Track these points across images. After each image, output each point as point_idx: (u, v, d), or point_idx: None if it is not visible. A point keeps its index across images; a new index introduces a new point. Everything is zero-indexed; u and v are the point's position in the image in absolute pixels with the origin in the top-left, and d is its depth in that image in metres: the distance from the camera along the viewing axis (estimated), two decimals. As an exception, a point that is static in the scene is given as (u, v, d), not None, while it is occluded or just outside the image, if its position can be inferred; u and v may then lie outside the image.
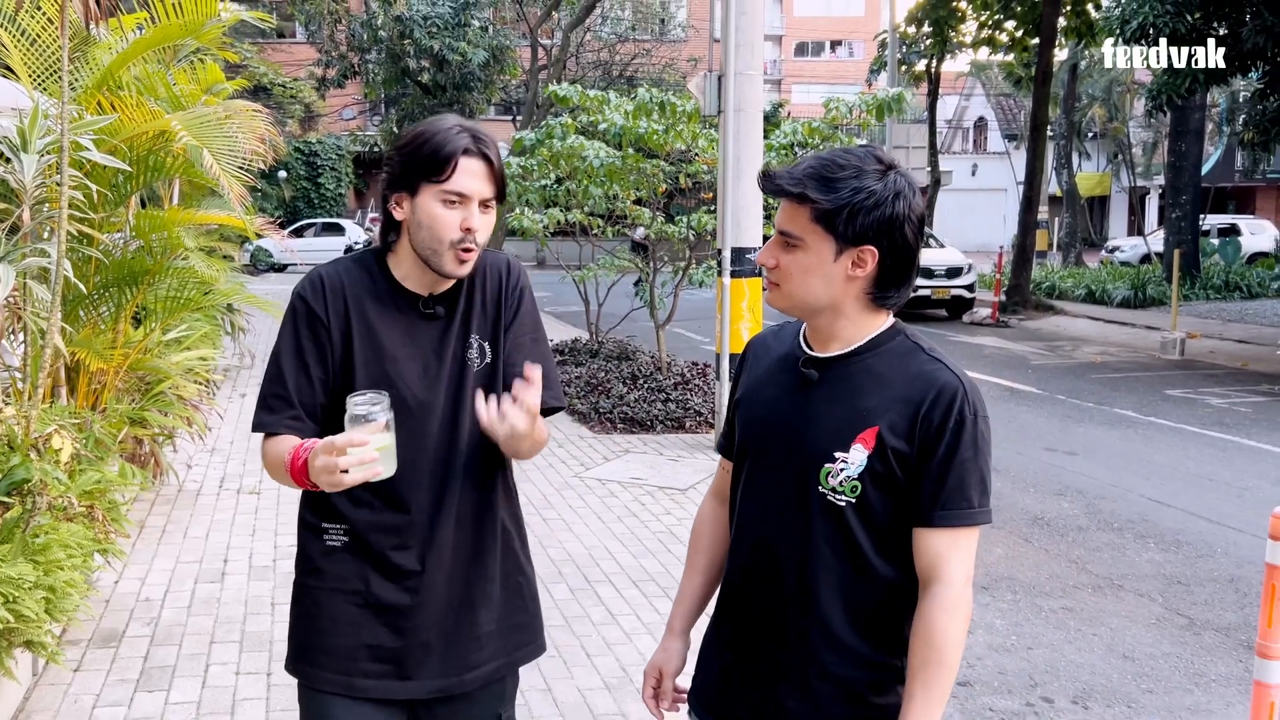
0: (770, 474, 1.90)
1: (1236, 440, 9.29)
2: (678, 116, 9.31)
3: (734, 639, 1.96)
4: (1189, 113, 21.14)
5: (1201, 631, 5.15)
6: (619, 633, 4.69)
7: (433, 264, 2.02)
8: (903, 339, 1.89)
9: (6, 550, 3.28)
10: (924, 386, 1.82)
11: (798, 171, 1.81)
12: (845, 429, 1.82)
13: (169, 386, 5.76)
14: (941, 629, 1.77)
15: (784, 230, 1.83)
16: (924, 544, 1.81)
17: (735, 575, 1.98)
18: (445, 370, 2.07)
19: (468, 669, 2.09)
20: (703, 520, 2.14)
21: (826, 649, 1.85)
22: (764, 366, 1.99)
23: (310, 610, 2.08)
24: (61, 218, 3.53)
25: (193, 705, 3.88)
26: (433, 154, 1.97)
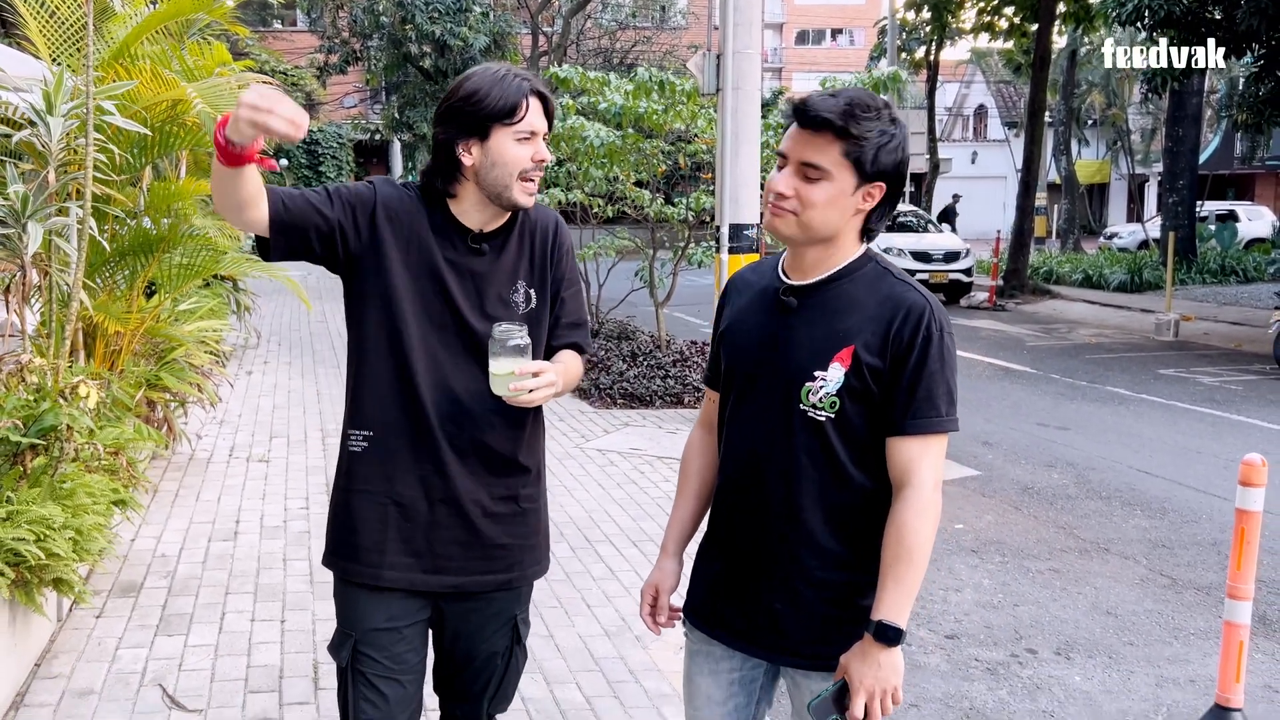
0: (756, 397, 2.03)
1: (1226, 416, 9.46)
2: (677, 96, 9.45)
3: (724, 550, 2.10)
4: (1186, 98, 21.24)
5: (1183, 590, 5.32)
6: (618, 586, 4.86)
7: (503, 199, 2.20)
8: (874, 265, 2.02)
9: (36, 493, 3.46)
10: (894, 306, 1.96)
11: (836, 106, 1.89)
12: (823, 349, 1.96)
13: (182, 354, 5.92)
14: (912, 529, 1.91)
15: (809, 161, 1.92)
16: (896, 451, 1.96)
17: (724, 491, 2.12)
18: (487, 302, 2.24)
19: (484, 572, 2.27)
20: (691, 448, 2.27)
21: (809, 555, 1.99)
22: (745, 299, 2.12)
23: (341, 510, 2.27)
24: (87, 178, 3.69)
25: (210, 648, 4.05)
26: (503, 98, 2.15)
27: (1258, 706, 4.15)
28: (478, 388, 2.19)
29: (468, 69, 2.33)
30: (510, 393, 2.08)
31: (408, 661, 2.26)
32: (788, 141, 1.95)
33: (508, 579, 2.32)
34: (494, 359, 2.10)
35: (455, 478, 2.22)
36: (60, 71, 3.86)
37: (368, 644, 2.23)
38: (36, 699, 3.59)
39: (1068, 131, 30.57)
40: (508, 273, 2.28)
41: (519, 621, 2.39)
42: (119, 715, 3.50)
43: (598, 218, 11.38)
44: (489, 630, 2.35)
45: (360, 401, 2.25)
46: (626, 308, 12.50)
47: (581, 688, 3.85)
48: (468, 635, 2.34)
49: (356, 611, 2.25)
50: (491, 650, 2.36)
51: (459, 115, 2.18)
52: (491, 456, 2.26)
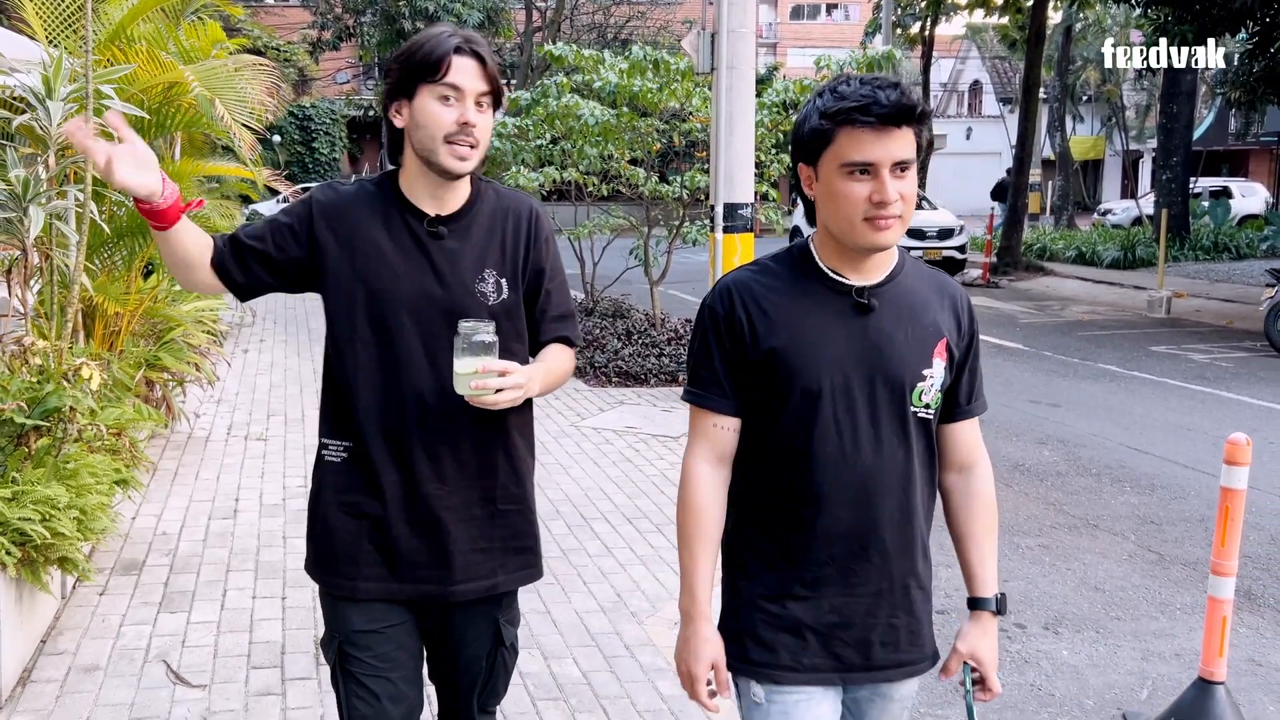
0: (860, 407, 1.88)
1: (1216, 393, 9.53)
2: (672, 75, 9.46)
3: (829, 584, 1.91)
4: (1180, 75, 21.21)
5: (1170, 566, 5.40)
6: (614, 563, 4.93)
7: (432, 163, 2.07)
8: (905, 254, 1.98)
9: (40, 474, 3.51)
10: (951, 295, 1.99)
11: (905, 94, 1.79)
12: (923, 345, 1.90)
13: (180, 333, 5.96)
14: (993, 501, 2.04)
15: (902, 159, 1.80)
16: (965, 434, 2.02)
17: (823, 521, 1.90)
18: (449, 294, 2.10)
19: (462, 581, 2.17)
20: (707, 493, 1.96)
21: (921, 560, 1.96)
22: (792, 308, 1.90)
23: (316, 521, 2.21)
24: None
25: (213, 624, 4.12)
26: (426, 55, 2.04)
27: (1241, 679, 4.23)
28: (441, 388, 2.07)
29: None
30: (472, 391, 1.97)
31: (396, 659, 2.20)
32: (867, 149, 1.78)
33: (489, 585, 2.21)
34: (458, 357, 1.98)
35: (427, 484, 2.13)
36: (59, 56, 3.89)
37: (353, 644, 2.17)
38: (43, 675, 3.65)
39: (1062, 108, 30.56)
40: (473, 259, 2.15)
41: (501, 624, 2.28)
42: (125, 691, 3.57)
43: (592, 196, 11.40)
44: (470, 635, 2.26)
45: (328, 412, 2.19)
46: (622, 285, 12.53)
47: (578, 662, 3.93)
48: (449, 639, 2.27)
49: (338, 617, 2.20)
50: (474, 654, 2.28)
51: (390, 72, 2.12)
52: (466, 459, 2.15)
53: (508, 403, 2.01)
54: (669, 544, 5.19)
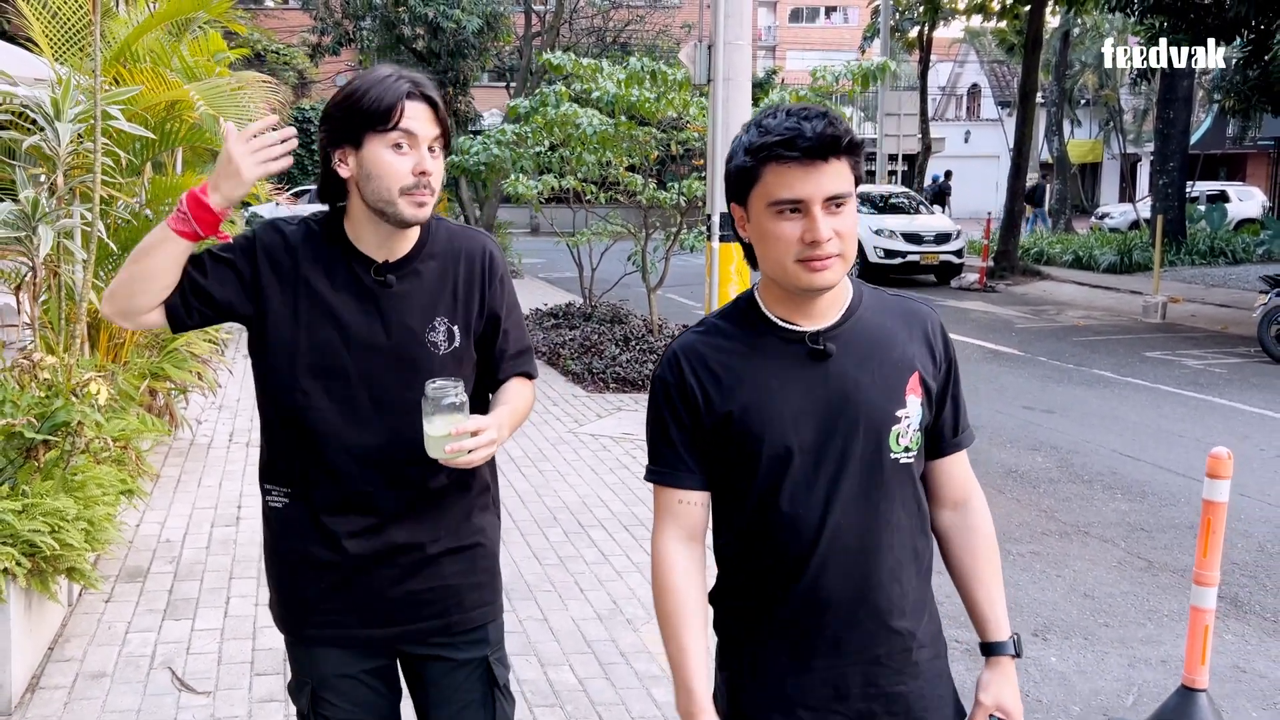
0: (831, 465, 1.74)
1: (1209, 399, 9.62)
2: (669, 85, 9.55)
3: (820, 657, 1.78)
4: (1177, 80, 21.32)
5: (1159, 573, 5.48)
6: (610, 570, 5.02)
7: (388, 214, 1.97)
8: (861, 287, 1.83)
9: (49, 486, 3.60)
10: (919, 320, 1.82)
11: (832, 125, 1.66)
12: (893, 384, 1.76)
13: (183, 343, 6.05)
14: (991, 534, 1.89)
15: (835, 194, 1.68)
16: (955, 469, 1.87)
17: (800, 592, 1.77)
18: (396, 343, 2.03)
19: (426, 618, 2.10)
20: (683, 573, 1.80)
21: (920, 616, 1.81)
22: (743, 369, 1.77)
23: (269, 566, 2.16)
24: (95, 182, 3.82)
25: (216, 631, 4.21)
26: (375, 102, 1.92)
27: (1225, 685, 4.31)
28: (394, 437, 2.00)
29: (461, 51, 2.28)
30: (447, 455, 1.91)
31: (370, 704, 2.14)
32: (796, 185, 1.66)
33: (457, 620, 2.13)
34: (428, 420, 1.92)
35: (381, 529, 2.06)
36: (68, 80, 3.98)
37: (325, 688, 2.11)
38: (51, 681, 3.74)
39: (1060, 112, 30.67)
40: (423, 307, 2.05)
41: (492, 662, 2.17)
42: (131, 697, 3.66)
43: (591, 202, 11.49)
44: (459, 678, 2.16)
45: (270, 458, 2.11)
46: (620, 290, 12.62)
47: (574, 669, 4.01)
48: (435, 686, 2.16)
49: (303, 662, 2.15)
50: (466, 700, 2.16)
51: (331, 119, 1.98)
52: (415, 502, 2.08)
53: (482, 460, 1.96)
54: (665, 552, 5.28)
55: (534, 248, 23.21)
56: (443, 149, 2.02)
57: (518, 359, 2.18)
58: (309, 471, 2.05)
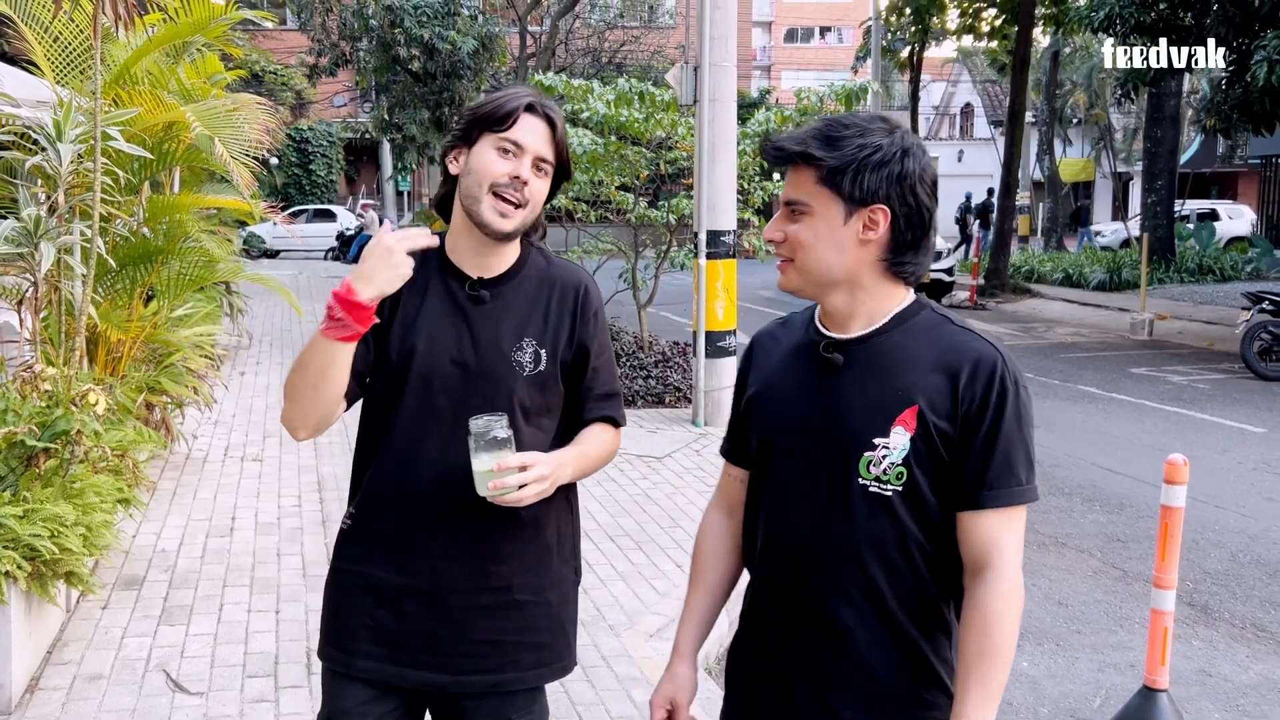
0: (802, 472, 1.76)
1: (1191, 414, 9.77)
2: (657, 106, 9.73)
3: (770, 657, 1.83)
4: (1164, 100, 21.59)
5: (1133, 582, 5.62)
6: (594, 579, 5.15)
7: (472, 214, 1.98)
8: (929, 312, 1.77)
9: (49, 493, 3.74)
10: (959, 358, 1.70)
11: (800, 133, 1.72)
12: (882, 412, 1.70)
13: (179, 358, 6.20)
14: (997, 617, 1.66)
15: (790, 199, 1.72)
16: (974, 528, 1.69)
17: (764, 591, 1.85)
18: (483, 360, 2.01)
19: (466, 672, 2.03)
20: (707, 536, 1.97)
21: (878, 648, 1.74)
22: (776, 359, 1.85)
23: (327, 590, 2.12)
24: (95, 200, 3.97)
25: (210, 636, 4.33)
26: (498, 106, 1.99)
27: (1190, 689, 4.44)
28: (466, 460, 1.92)
29: (456, 72, 2.36)
30: (492, 492, 1.87)
31: None
32: (785, 186, 1.77)
33: (496, 681, 2.04)
34: (474, 456, 1.88)
35: (438, 563, 2.01)
36: (69, 101, 4.13)
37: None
38: (49, 683, 3.87)
39: (1050, 131, 30.93)
40: (514, 326, 2.04)
41: None
42: (127, 698, 3.78)
43: (582, 221, 11.64)
44: None
45: (354, 478, 2.12)
46: (612, 307, 12.66)
47: (556, 672, 4.13)
48: None
49: (332, 692, 2.09)
50: None
51: (459, 125, 2.06)
52: (484, 541, 2.02)
53: (533, 497, 1.90)
54: (648, 560, 5.41)
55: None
56: (553, 176, 2.04)
57: (604, 401, 2.14)
58: (381, 491, 2.02)
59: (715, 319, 8.40)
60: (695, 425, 8.54)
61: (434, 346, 2.00)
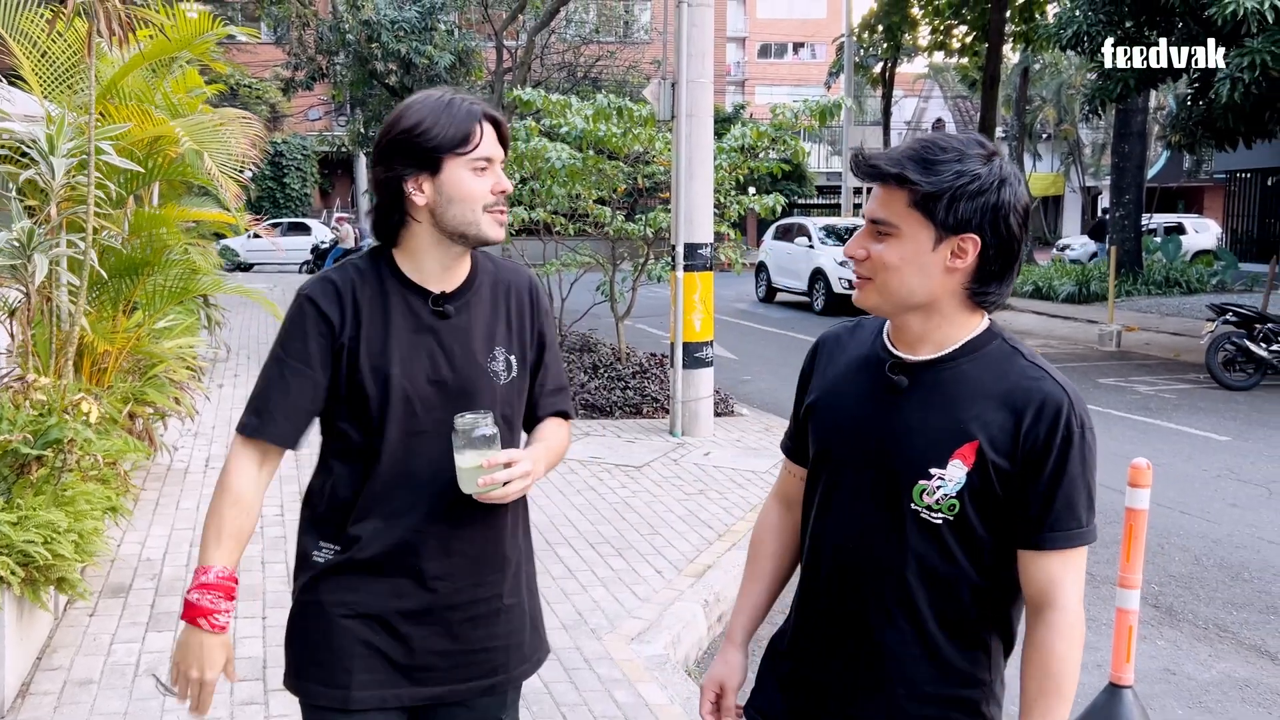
0: (853, 486, 1.77)
1: (1157, 423, 9.96)
2: (634, 121, 9.87)
3: (811, 658, 1.85)
4: (1131, 115, 21.97)
5: (1099, 585, 5.75)
6: (576, 585, 5.24)
7: (469, 236, 1.98)
8: (1000, 343, 1.74)
9: (41, 500, 3.80)
10: (1025, 397, 1.68)
11: (896, 153, 1.69)
12: (942, 443, 1.69)
13: (163, 370, 6.25)
14: (1060, 657, 1.67)
15: (877, 218, 1.69)
16: (1034, 567, 1.69)
17: (812, 594, 1.85)
18: (460, 376, 2.01)
19: (464, 680, 2.07)
20: (766, 527, 2.01)
21: (920, 664, 1.74)
22: (841, 366, 1.84)
23: (302, 626, 2.06)
24: (89, 213, 4.04)
25: (199, 642, 4.39)
26: (458, 126, 1.95)
27: (1155, 686, 4.58)
28: (454, 478, 1.96)
29: (433, 85, 2.27)
30: (480, 488, 1.90)
31: None
32: (869, 203, 1.73)
33: (490, 684, 2.10)
34: (459, 453, 1.91)
35: (434, 583, 2.02)
36: (61, 116, 4.21)
37: None
38: (40, 688, 3.92)
39: (1020, 146, 31.34)
40: (483, 337, 2.05)
41: None
42: (118, 701, 3.84)
43: (560, 234, 11.75)
44: None
45: (319, 512, 2.06)
46: (589, 320, 12.87)
47: (540, 673, 4.20)
48: None
49: None
50: None
51: (404, 149, 1.96)
52: (472, 556, 2.05)
53: (518, 493, 1.95)
54: (628, 567, 5.51)
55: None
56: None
57: (556, 396, 2.17)
58: (369, 519, 1.99)
59: (693, 330, 8.53)
60: (673, 435, 8.65)
61: (409, 370, 1.99)
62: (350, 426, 2.00)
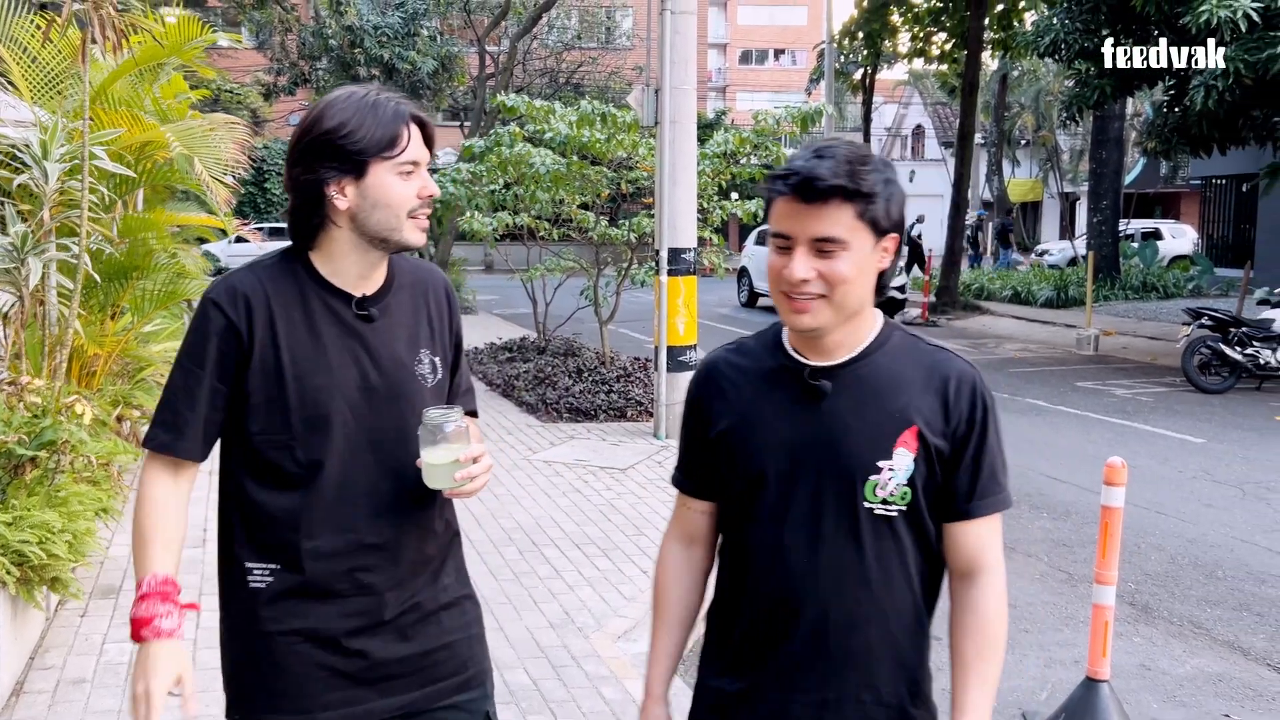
0: (798, 502, 1.76)
1: (1134, 426, 10.10)
2: (618, 127, 9.95)
3: (765, 682, 1.81)
4: (1108, 122, 22.19)
5: (1078, 584, 5.86)
6: (562, 584, 5.31)
7: (391, 241, 1.90)
8: (900, 333, 1.81)
9: (35, 501, 3.84)
10: (943, 378, 1.75)
11: (837, 168, 1.65)
12: (883, 434, 1.72)
13: (151, 373, 6.29)
14: (996, 618, 1.75)
15: (825, 236, 1.66)
16: (964, 536, 1.76)
17: (758, 619, 1.81)
18: (388, 379, 1.95)
19: (435, 680, 2.02)
20: (670, 571, 1.95)
21: (883, 666, 1.76)
22: (747, 388, 1.82)
23: (247, 655, 1.98)
24: (83, 217, 4.09)
25: (189, 641, 4.42)
26: (378, 129, 1.86)
27: (1132, 681, 4.67)
28: (396, 480, 1.92)
29: (416, 91, 2.07)
30: (455, 483, 1.87)
31: None
32: (785, 221, 1.68)
33: (465, 679, 2.07)
34: (428, 449, 1.86)
35: (386, 595, 1.95)
36: (55, 123, 4.26)
37: None
38: (34, 687, 3.96)
39: (999, 152, 31.60)
40: (407, 340, 1.99)
41: (491, 714, 2.14)
42: (111, 699, 3.89)
43: (544, 239, 11.82)
44: None
45: (246, 533, 1.95)
46: (573, 325, 12.94)
47: (528, 671, 4.29)
48: None
49: None
50: None
51: (327, 150, 1.86)
52: (416, 560, 1.99)
53: (481, 488, 1.93)
54: (614, 566, 5.58)
55: (488, 284, 23.51)
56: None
57: (468, 395, 2.15)
58: (308, 535, 1.90)
59: (676, 334, 8.61)
60: (657, 438, 8.73)
61: (338, 378, 1.90)
62: (275, 438, 1.89)
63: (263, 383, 1.88)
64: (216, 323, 1.87)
